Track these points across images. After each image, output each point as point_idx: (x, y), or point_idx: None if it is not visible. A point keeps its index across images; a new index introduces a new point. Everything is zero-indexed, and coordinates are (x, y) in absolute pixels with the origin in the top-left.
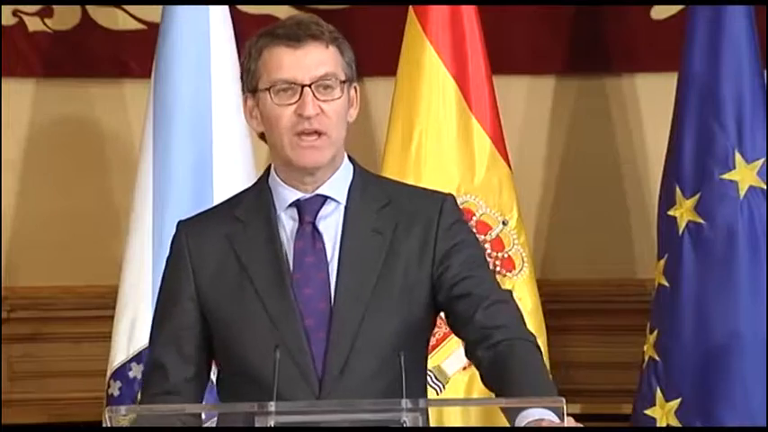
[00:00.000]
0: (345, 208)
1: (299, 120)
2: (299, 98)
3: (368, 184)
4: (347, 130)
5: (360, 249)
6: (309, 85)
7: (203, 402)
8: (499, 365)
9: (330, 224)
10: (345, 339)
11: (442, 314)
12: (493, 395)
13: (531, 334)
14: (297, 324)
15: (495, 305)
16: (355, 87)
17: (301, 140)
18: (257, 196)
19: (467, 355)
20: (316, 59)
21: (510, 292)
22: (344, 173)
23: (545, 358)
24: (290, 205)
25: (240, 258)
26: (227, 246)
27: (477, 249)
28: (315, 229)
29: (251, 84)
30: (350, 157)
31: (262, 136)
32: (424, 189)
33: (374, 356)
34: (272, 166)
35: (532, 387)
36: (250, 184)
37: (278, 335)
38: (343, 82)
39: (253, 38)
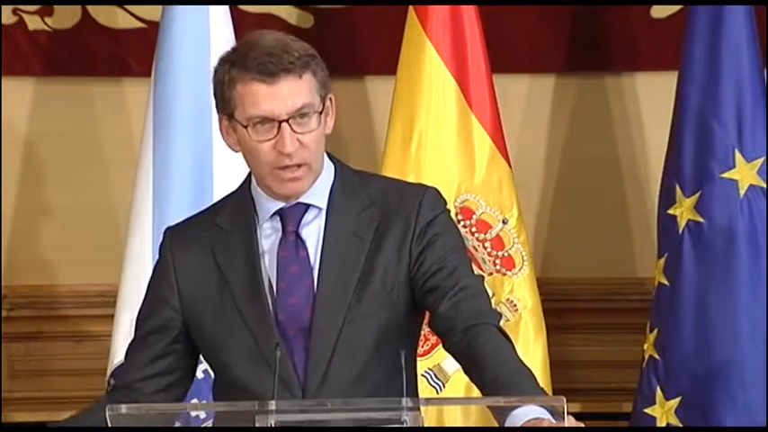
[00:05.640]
0: (327, 213)
1: (279, 156)
2: (277, 133)
3: (349, 185)
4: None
5: (340, 255)
6: (287, 120)
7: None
8: (467, 359)
9: (312, 230)
10: (325, 348)
11: None
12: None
13: (495, 314)
14: (273, 335)
15: (459, 293)
16: (330, 99)
17: (283, 173)
18: (240, 204)
19: (444, 348)
20: (291, 93)
21: (480, 277)
22: (325, 176)
23: (545, 357)
24: (273, 215)
25: (221, 269)
26: (209, 256)
27: (450, 240)
28: (298, 237)
29: (226, 109)
30: (331, 157)
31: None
32: (408, 185)
33: (355, 363)
34: (253, 175)
35: (499, 379)
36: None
37: (257, 347)
38: (320, 112)
39: (225, 61)
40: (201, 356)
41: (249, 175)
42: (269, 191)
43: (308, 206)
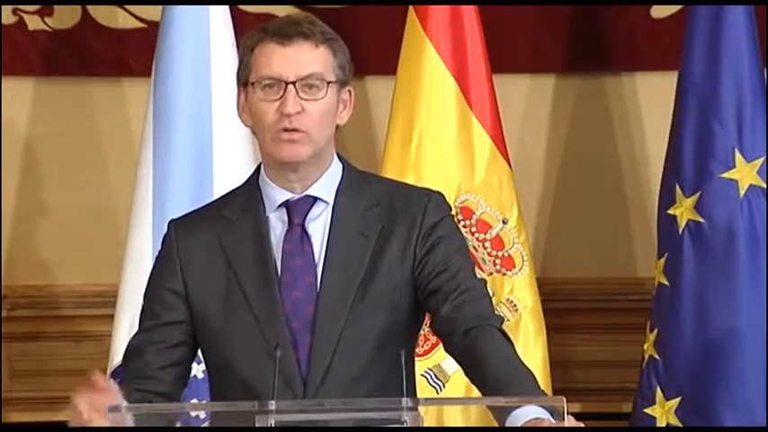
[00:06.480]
0: (333, 209)
1: (281, 117)
2: (283, 95)
3: (357, 184)
4: (335, 130)
5: (345, 253)
6: (294, 83)
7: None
8: (468, 361)
9: (318, 226)
10: (328, 345)
11: None
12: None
13: (497, 317)
14: (282, 328)
15: (461, 295)
16: (349, 90)
17: (282, 134)
18: (247, 196)
19: (445, 350)
20: (303, 58)
21: (482, 280)
22: (333, 173)
23: (545, 357)
24: (280, 206)
25: (229, 259)
26: (216, 246)
27: (454, 242)
28: (304, 231)
29: (242, 77)
30: (340, 157)
31: (254, 131)
32: (413, 188)
33: (357, 361)
34: (262, 164)
35: (500, 380)
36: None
37: (263, 338)
38: (331, 83)
39: (249, 32)
40: (199, 349)
41: (258, 167)
42: (273, 165)
43: (315, 200)
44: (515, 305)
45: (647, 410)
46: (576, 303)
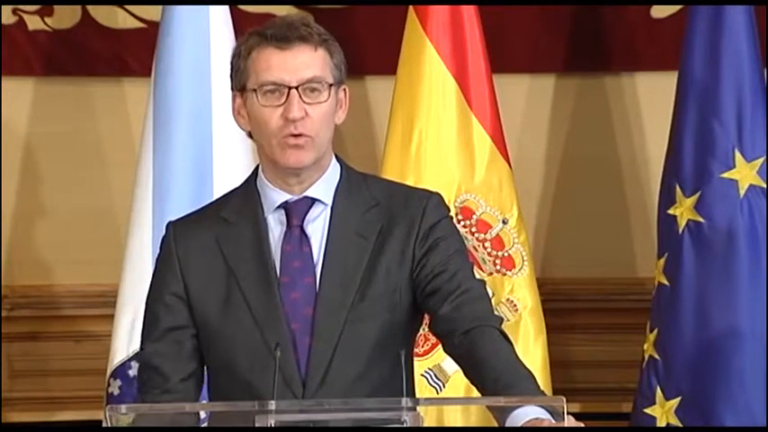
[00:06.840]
0: (331, 210)
1: (285, 123)
2: (286, 100)
3: (355, 185)
4: (334, 131)
5: (344, 254)
6: (296, 88)
7: (199, 400)
8: (467, 362)
9: (317, 227)
10: (327, 346)
11: None
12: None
13: (496, 318)
14: (282, 329)
15: (460, 296)
16: (345, 89)
17: (288, 140)
18: (245, 198)
19: (445, 351)
20: (304, 62)
21: (481, 281)
22: (332, 174)
23: (545, 357)
24: (278, 207)
25: (228, 261)
26: (215, 248)
27: (453, 243)
28: (302, 232)
29: (239, 82)
30: (338, 158)
31: (250, 134)
32: (411, 189)
33: (356, 362)
34: (260, 166)
35: (500, 381)
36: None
37: (263, 339)
38: (331, 85)
39: (243, 36)
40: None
41: (256, 168)
42: (273, 169)
43: (313, 201)
44: (515, 305)
45: (647, 410)
46: (575, 303)
